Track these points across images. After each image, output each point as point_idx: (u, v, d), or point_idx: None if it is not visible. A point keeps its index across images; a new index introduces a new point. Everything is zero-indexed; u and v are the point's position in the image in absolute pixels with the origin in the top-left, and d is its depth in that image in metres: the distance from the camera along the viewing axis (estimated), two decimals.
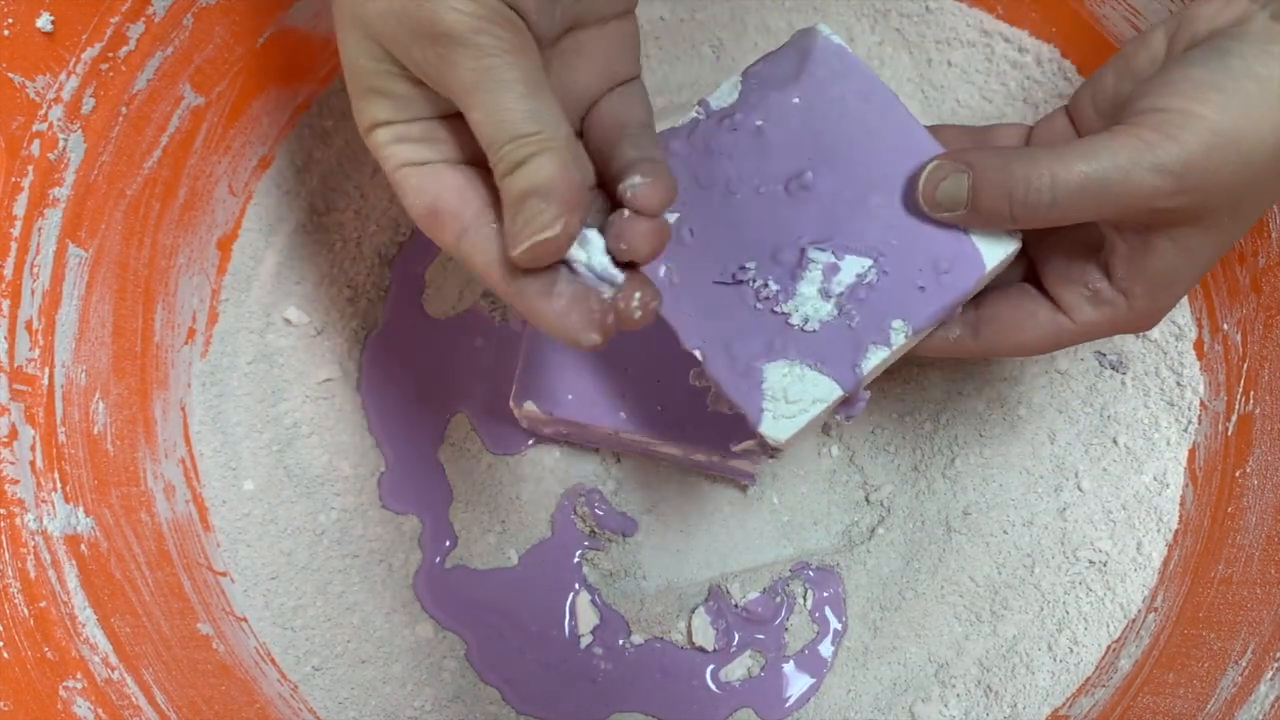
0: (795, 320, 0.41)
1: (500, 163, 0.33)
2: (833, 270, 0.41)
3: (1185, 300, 0.58)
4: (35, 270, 0.48)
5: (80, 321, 0.51)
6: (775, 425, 0.40)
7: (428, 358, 0.61)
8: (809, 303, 0.41)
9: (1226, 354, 0.56)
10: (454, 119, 0.37)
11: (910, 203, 0.41)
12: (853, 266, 0.41)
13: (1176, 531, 0.57)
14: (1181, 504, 0.57)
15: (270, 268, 0.61)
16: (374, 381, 0.61)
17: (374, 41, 0.34)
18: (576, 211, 0.34)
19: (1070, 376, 0.59)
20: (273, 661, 0.57)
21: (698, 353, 0.41)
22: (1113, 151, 0.35)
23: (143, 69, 0.51)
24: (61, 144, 0.48)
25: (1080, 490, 0.58)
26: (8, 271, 0.47)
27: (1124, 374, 0.59)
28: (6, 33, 0.44)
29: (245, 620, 0.57)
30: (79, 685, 0.45)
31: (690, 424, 0.54)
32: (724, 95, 0.43)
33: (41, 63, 0.46)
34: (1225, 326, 0.56)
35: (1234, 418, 0.56)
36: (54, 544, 0.47)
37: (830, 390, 0.40)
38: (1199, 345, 0.58)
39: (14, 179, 0.46)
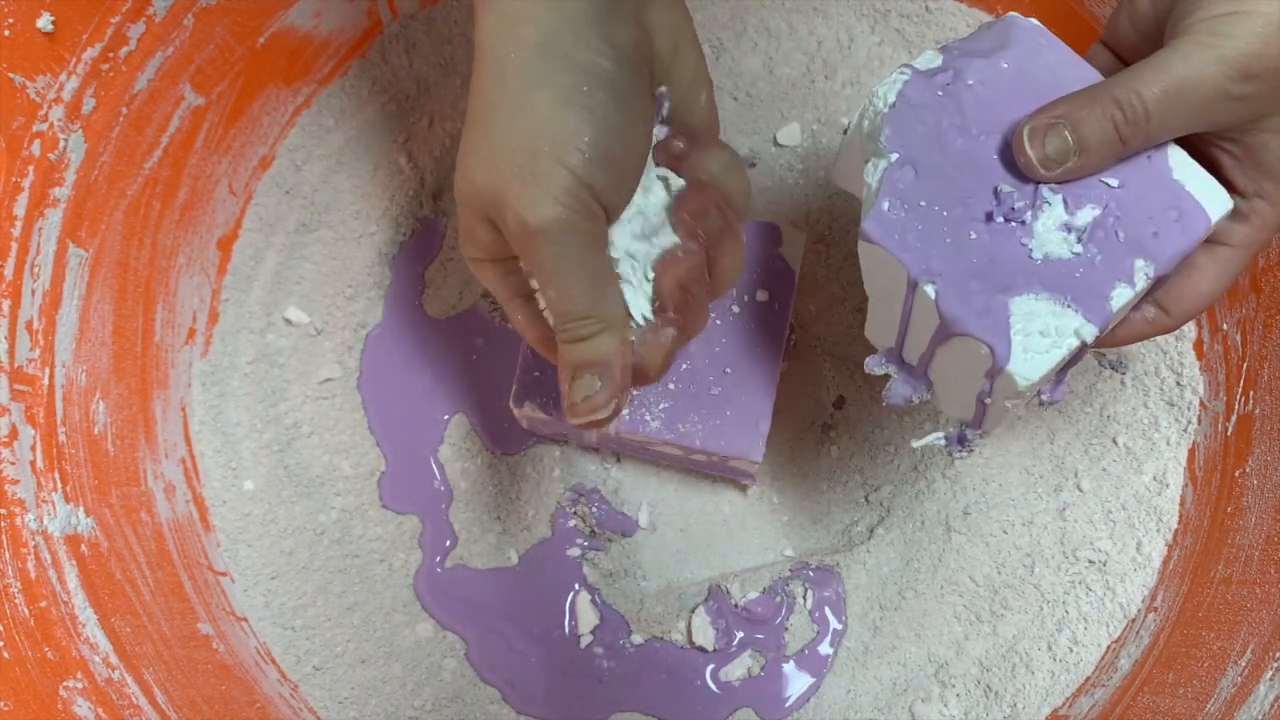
0: (1037, 255, 0.39)
1: (565, 333, 0.39)
2: (1067, 212, 0.40)
3: None
4: (36, 270, 0.48)
5: (80, 321, 0.51)
6: (1026, 362, 0.38)
7: (428, 358, 0.61)
8: (1050, 238, 0.39)
9: (1226, 354, 0.56)
10: None
11: (1022, 165, 0.40)
12: (1086, 214, 0.40)
13: (1176, 531, 0.57)
14: (1181, 504, 0.57)
15: (270, 268, 0.61)
16: (374, 381, 0.61)
17: (480, 205, 0.38)
18: (626, 392, 0.39)
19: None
20: (273, 661, 0.57)
21: (930, 288, 0.39)
22: (1180, 56, 0.37)
23: (143, 69, 0.51)
24: (62, 144, 0.48)
25: (1080, 490, 0.58)
26: (8, 271, 0.47)
27: (1124, 374, 0.59)
28: (7, 33, 0.44)
29: (245, 620, 0.57)
30: (79, 685, 0.45)
31: (690, 423, 0.54)
32: (927, 60, 0.43)
33: (42, 63, 0.46)
34: (1225, 326, 0.56)
35: (1234, 418, 0.56)
36: (54, 544, 0.47)
37: (1080, 326, 0.38)
38: (1199, 345, 0.58)
39: (14, 179, 0.46)
